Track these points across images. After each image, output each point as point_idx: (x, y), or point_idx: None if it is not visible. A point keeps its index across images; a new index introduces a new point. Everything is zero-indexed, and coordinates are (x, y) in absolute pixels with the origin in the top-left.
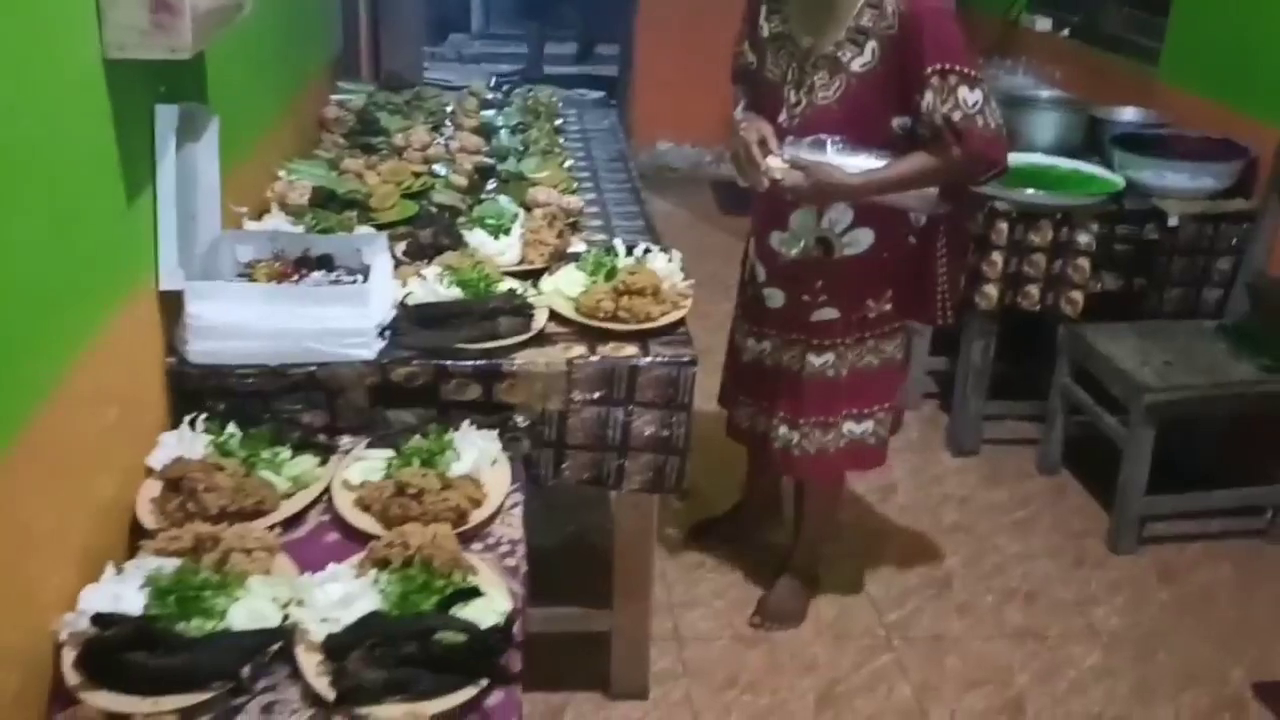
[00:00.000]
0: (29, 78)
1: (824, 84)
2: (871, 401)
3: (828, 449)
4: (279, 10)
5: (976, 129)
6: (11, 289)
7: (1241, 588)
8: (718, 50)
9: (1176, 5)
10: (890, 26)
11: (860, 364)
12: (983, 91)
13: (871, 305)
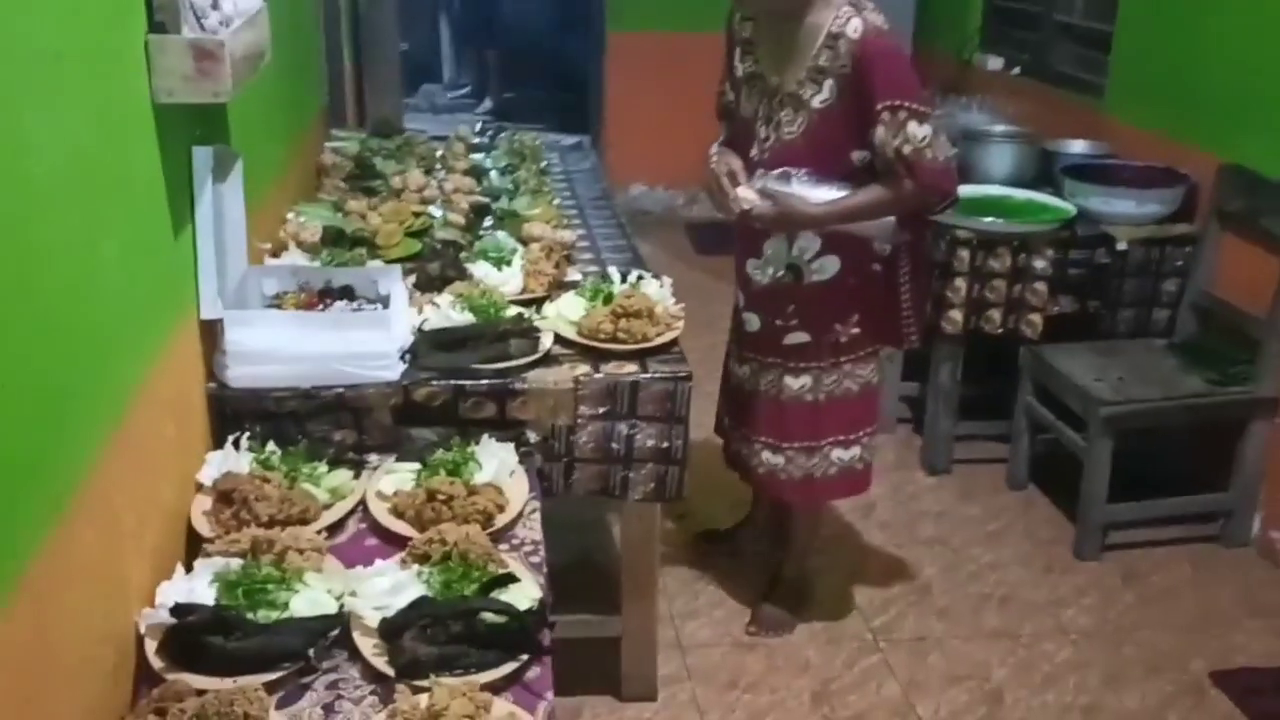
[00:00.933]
0: (101, 120)
1: (789, 120)
2: (857, 427)
3: (814, 474)
4: (282, 60)
5: (925, 162)
6: (103, 306)
7: (1199, 587)
8: (688, 95)
9: (1119, 44)
10: (845, 66)
11: (839, 390)
12: (932, 126)
13: (839, 329)
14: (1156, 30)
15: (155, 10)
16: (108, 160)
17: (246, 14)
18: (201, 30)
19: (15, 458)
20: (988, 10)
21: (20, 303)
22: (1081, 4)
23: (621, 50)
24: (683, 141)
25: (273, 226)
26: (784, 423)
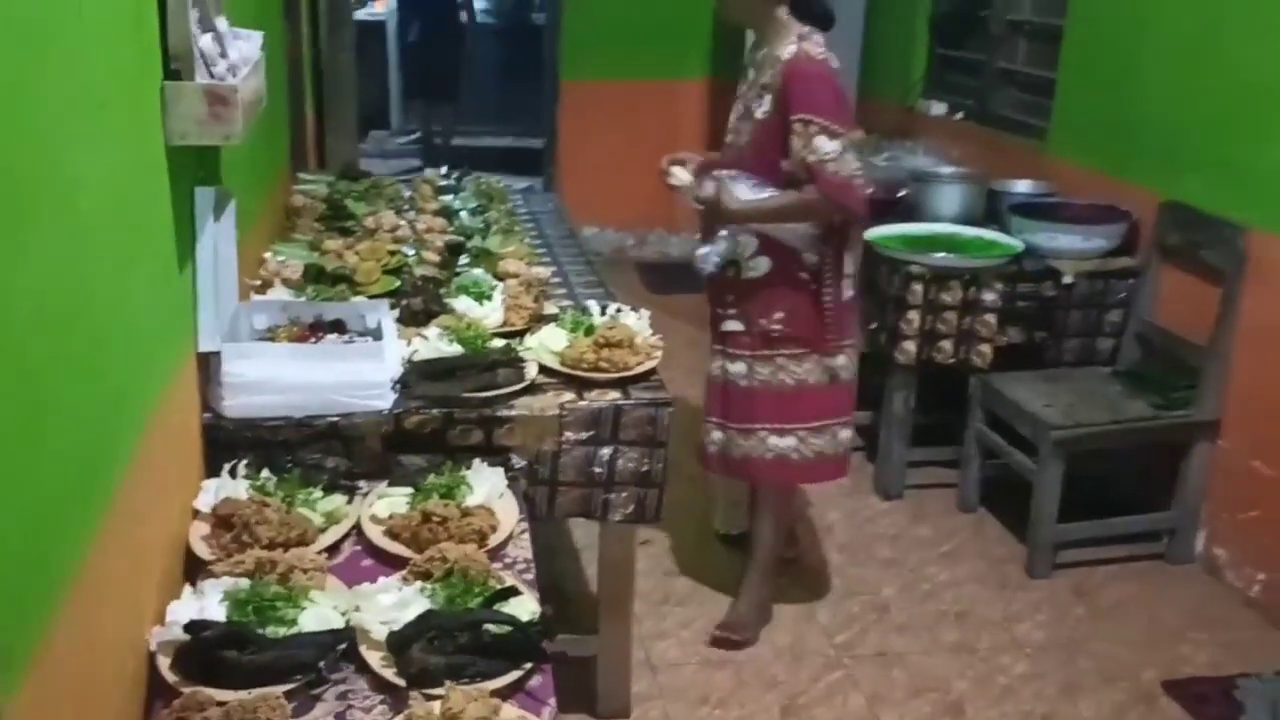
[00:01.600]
0: (130, 161)
1: (744, 130)
2: (790, 419)
3: (750, 455)
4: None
5: (826, 173)
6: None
7: (1147, 602)
8: (637, 140)
9: (1060, 88)
10: (778, 82)
11: (774, 380)
12: (841, 145)
13: (764, 323)
14: (1096, 76)
15: (171, 59)
16: (135, 199)
17: (250, 61)
18: (211, 77)
19: (63, 475)
20: (931, 58)
21: (73, 335)
22: (1023, 52)
23: (574, 98)
24: (632, 185)
25: (252, 265)
26: (726, 403)
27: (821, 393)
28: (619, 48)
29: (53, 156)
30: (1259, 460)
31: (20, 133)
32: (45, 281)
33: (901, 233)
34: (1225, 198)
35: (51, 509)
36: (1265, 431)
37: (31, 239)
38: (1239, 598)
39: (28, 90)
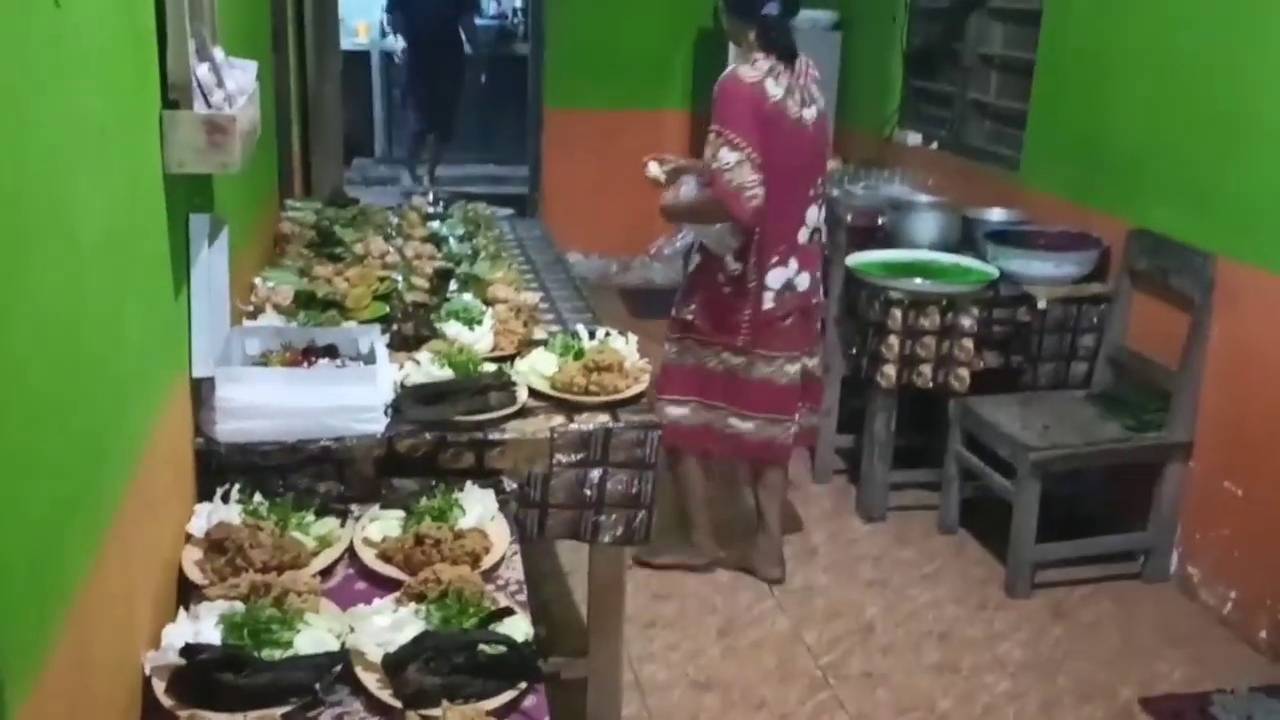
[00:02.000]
0: (129, 188)
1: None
2: (680, 390)
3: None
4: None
5: (721, 181)
6: (127, 363)
7: (1123, 621)
8: (619, 168)
9: (1031, 120)
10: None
11: (678, 359)
12: (739, 157)
13: (683, 309)
14: (1066, 108)
15: (170, 89)
16: (132, 225)
17: (246, 91)
18: (208, 106)
19: (60, 497)
20: (906, 90)
21: (71, 358)
22: (994, 84)
23: (558, 126)
24: (615, 212)
25: (243, 291)
26: (661, 376)
27: (716, 378)
28: (602, 77)
29: (53, 184)
30: (1229, 481)
31: (22, 161)
32: (45, 308)
33: (881, 259)
34: (1191, 226)
35: (47, 534)
36: (1235, 453)
37: (32, 266)
38: (1213, 615)
39: (30, 119)
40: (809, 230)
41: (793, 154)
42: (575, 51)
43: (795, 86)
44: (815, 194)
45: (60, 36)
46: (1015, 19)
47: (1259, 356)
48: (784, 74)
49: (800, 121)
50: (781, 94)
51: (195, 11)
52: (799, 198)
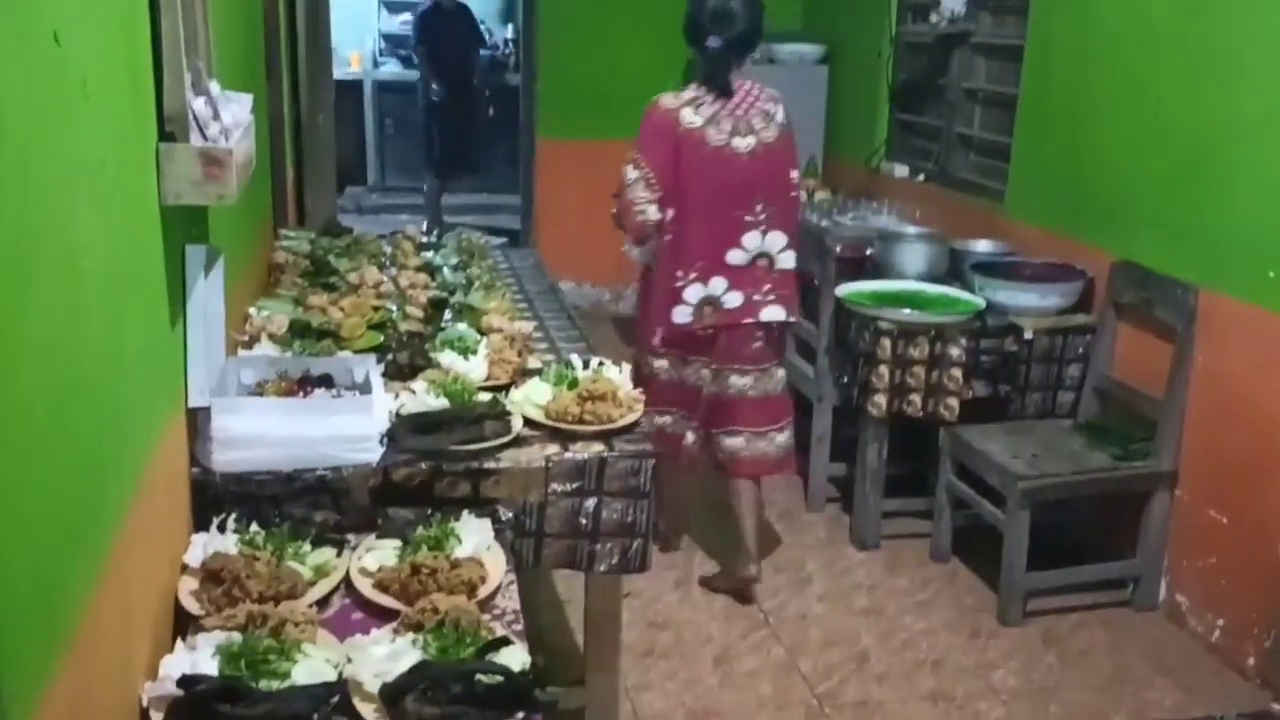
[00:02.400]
0: (127, 220)
1: None
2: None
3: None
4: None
5: (622, 196)
6: (126, 394)
7: (1114, 648)
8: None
9: (1016, 153)
10: None
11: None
12: (637, 175)
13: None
14: (1049, 142)
15: (166, 121)
16: (130, 258)
17: (242, 124)
18: (204, 139)
19: (61, 530)
20: (893, 123)
21: (73, 390)
22: (979, 118)
23: (550, 156)
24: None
25: (238, 321)
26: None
27: (657, 380)
28: (593, 108)
29: (56, 219)
30: (1214, 509)
31: (25, 197)
32: (49, 340)
33: (870, 289)
34: (1173, 259)
35: (50, 564)
36: (1219, 481)
37: (37, 300)
38: (1201, 642)
39: (32, 155)
40: (748, 254)
41: (712, 179)
42: (566, 83)
43: (724, 116)
44: (756, 220)
45: (61, 72)
46: (998, 54)
47: (1240, 386)
48: (710, 104)
49: (727, 149)
50: (701, 122)
51: (191, 46)
52: (725, 221)
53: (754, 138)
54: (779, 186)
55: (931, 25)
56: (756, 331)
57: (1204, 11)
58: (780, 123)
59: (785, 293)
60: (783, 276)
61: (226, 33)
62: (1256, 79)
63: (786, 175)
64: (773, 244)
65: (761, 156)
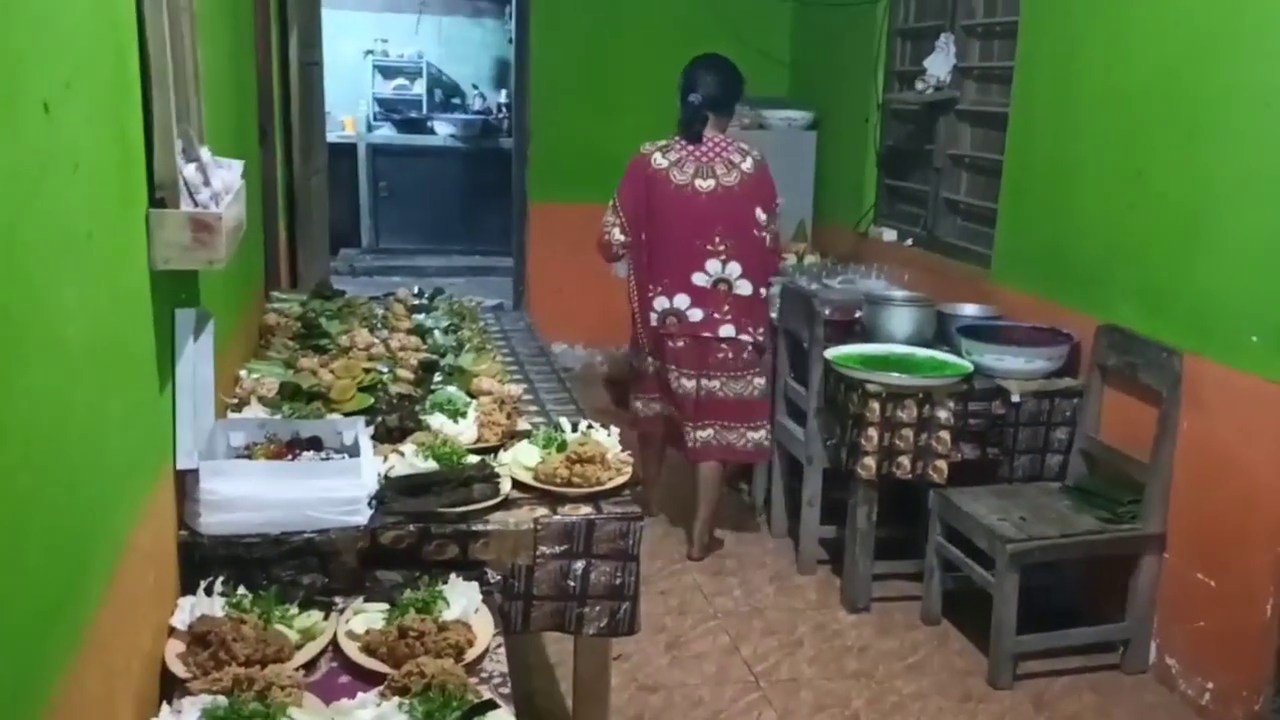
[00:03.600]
0: (113, 287)
1: None
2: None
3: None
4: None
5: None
6: (109, 461)
7: (1104, 712)
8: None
9: (1001, 219)
10: None
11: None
12: (611, 204)
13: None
14: (1034, 207)
15: (157, 188)
16: (119, 323)
17: (232, 189)
18: (194, 204)
19: (41, 602)
20: (881, 188)
21: (56, 464)
22: (965, 184)
23: (542, 219)
24: (599, 303)
25: (228, 383)
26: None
27: (642, 378)
28: (585, 172)
29: (42, 292)
30: (1202, 572)
31: (12, 271)
32: (34, 416)
33: (859, 352)
34: (1157, 323)
35: (32, 630)
36: (1206, 545)
37: (21, 376)
38: (1192, 706)
39: (20, 227)
40: (709, 278)
41: (674, 213)
42: (558, 147)
43: (689, 161)
44: (715, 250)
45: (50, 142)
46: (983, 121)
47: (1226, 450)
48: (678, 150)
49: (689, 188)
50: (667, 165)
51: (183, 113)
52: (688, 249)
53: (714, 180)
54: (739, 224)
55: (918, 92)
56: (720, 344)
57: (1183, 81)
58: (745, 170)
59: (740, 314)
60: (738, 300)
61: (219, 99)
62: (1235, 146)
63: (748, 215)
64: (731, 272)
65: (720, 197)
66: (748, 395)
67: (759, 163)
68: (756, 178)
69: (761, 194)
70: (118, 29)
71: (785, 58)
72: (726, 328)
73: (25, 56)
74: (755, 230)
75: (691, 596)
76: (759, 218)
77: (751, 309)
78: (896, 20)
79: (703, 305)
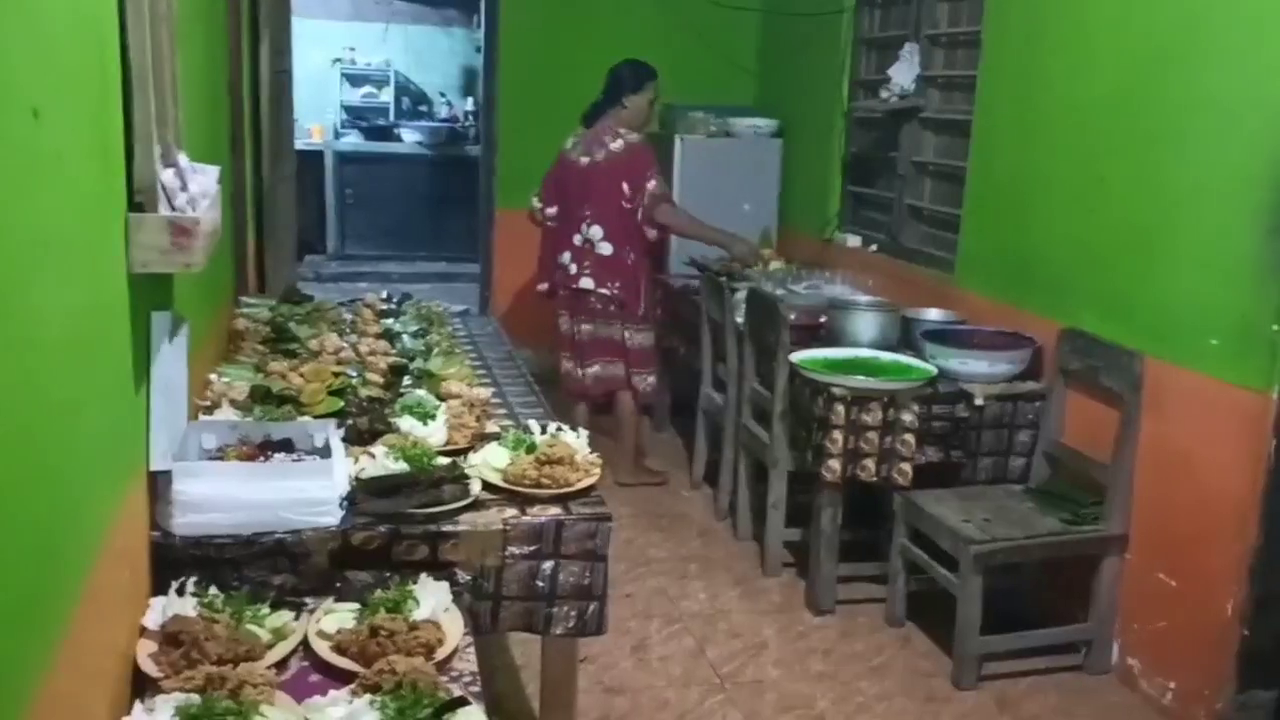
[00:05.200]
0: (91, 290)
1: None
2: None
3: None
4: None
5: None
6: (85, 461)
7: (1067, 712)
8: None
9: (965, 225)
10: None
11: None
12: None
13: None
14: (996, 214)
15: (136, 192)
16: (96, 325)
17: (209, 194)
18: (172, 209)
19: (20, 601)
20: (845, 195)
21: (29, 463)
22: (929, 190)
23: (508, 226)
24: None
25: (199, 386)
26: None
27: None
28: None
29: (21, 294)
30: (1163, 573)
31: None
32: (7, 415)
33: (824, 357)
34: (1119, 327)
35: (8, 631)
36: (1167, 545)
37: (4, 372)
38: (1154, 705)
39: (7, 231)
40: (582, 238)
41: (566, 184)
42: (525, 154)
43: (582, 142)
44: (584, 215)
45: (36, 147)
46: (947, 129)
47: (1186, 452)
48: (579, 134)
49: (575, 164)
50: (570, 145)
51: (161, 119)
52: (572, 214)
53: (589, 157)
54: (603, 194)
55: (882, 100)
56: (586, 295)
57: (1143, 91)
58: (613, 149)
59: (599, 270)
60: (599, 258)
61: (194, 106)
62: (1194, 154)
63: (612, 186)
64: (594, 234)
65: (589, 170)
66: (620, 339)
67: (630, 144)
68: (625, 157)
69: (630, 171)
70: (101, 36)
71: (752, 66)
72: (586, 280)
73: (15, 64)
74: (621, 201)
75: (657, 599)
76: (623, 190)
77: (612, 267)
78: (861, 29)
79: (577, 261)
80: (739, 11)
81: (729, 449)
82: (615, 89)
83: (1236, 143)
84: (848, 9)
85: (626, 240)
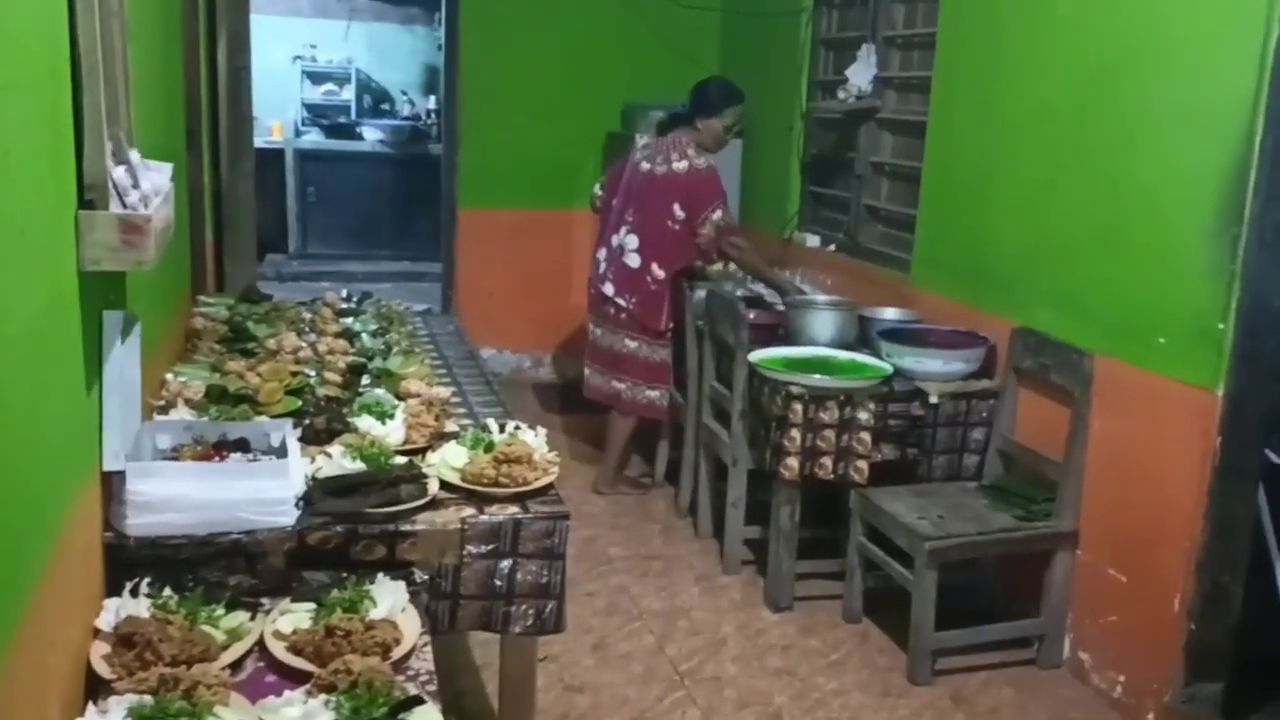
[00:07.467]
0: (47, 288)
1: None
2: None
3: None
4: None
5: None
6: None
7: (1020, 706)
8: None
9: (921, 225)
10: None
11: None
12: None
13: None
14: (952, 215)
15: (86, 190)
16: (48, 324)
17: (161, 192)
18: (123, 206)
19: None
20: (805, 195)
21: None
22: (886, 191)
23: (471, 225)
24: (527, 308)
25: (154, 386)
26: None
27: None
28: (514, 179)
29: None
30: (1114, 569)
31: None
32: None
33: (782, 355)
34: (1069, 326)
35: None
36: (1117, 542)
37: None
38: (1105, 699)
39: None
40: (618, 241)
41: (621, 183)
42: (488, 153)
43: (650, 149)
44: (626, 219)
45: None
46: (903, 130)
47: (1136, 449)
48: (651, 139)
49: (638, 166)
50: (639, 147)
51: (113, 116)
52: (618, 215)
53: (651, 166)
54: (651, 206)
55: (840, 101)
56: (606, 298)
57: (1098, 94)
58: (676, 169)
59: (620, 279)
60: (624, 267)
61: (147, 102)
62: (1147, 157)
63: (662, 203)
64: (628, 242)
65: (648, 179)
66: (619, 350)
67: (695, 169)
68: (685, 181)
69: (688, 196)
70: (51, 31)
71: (713, 66)
72: (608, 285)
73: None
74: (668, 221)
75: (618, 598)
76: (673, 210)
77: (633, 281)
78: (820, 30)
79: (607, 262)
80: (699, 11)
81: (690, 448)
82: (696, 105)
83: (1186, 146)
84: (806, 9)
85: (657, 258)
